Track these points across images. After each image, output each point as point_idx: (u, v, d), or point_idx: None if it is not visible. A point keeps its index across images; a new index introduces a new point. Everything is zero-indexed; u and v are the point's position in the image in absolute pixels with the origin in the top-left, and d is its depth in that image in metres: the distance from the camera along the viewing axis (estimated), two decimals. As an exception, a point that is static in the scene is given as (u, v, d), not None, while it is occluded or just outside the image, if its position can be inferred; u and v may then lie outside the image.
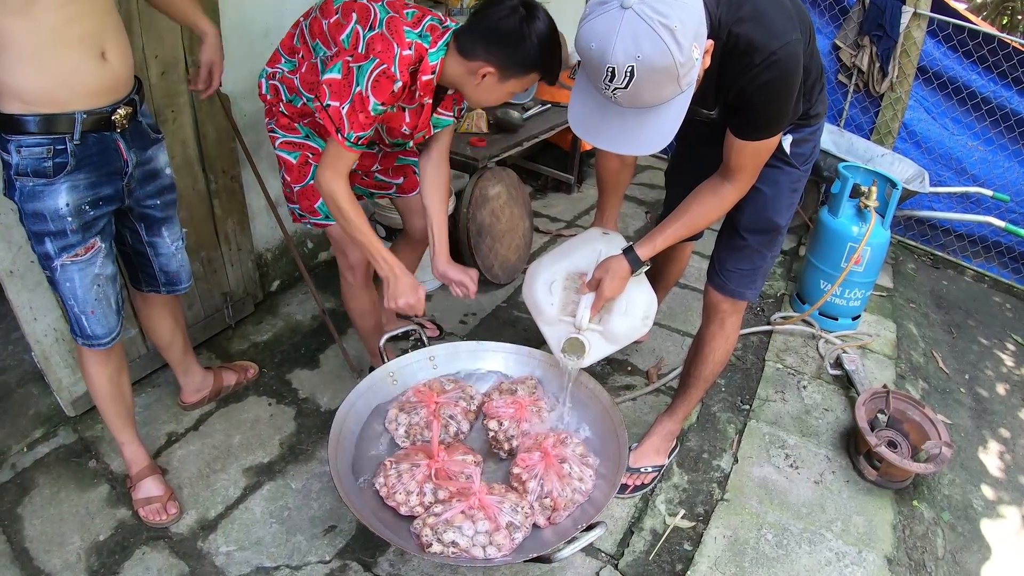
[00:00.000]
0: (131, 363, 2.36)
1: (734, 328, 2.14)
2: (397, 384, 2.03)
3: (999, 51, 3.91)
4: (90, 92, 1.54)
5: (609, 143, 1.48)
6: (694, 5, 1.31)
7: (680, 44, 1.27)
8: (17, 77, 1.44)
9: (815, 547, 2.11)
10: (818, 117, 1.86)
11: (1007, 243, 4.30)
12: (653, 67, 1.29)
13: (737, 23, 1.46)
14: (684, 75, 1.34)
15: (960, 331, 3.76)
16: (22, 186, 1.55)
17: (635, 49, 1.27)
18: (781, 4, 1.52)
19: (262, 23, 2.55)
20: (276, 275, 3.06)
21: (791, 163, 1.87)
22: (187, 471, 2.14)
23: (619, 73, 1.30)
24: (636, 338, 2.06)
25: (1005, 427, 3.04)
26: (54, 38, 1.43)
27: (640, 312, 2.03)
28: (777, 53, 1.46)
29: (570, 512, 1.68)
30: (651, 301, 2.07)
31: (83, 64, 1.50)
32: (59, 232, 1.60)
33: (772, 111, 1.58)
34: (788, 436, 2.56)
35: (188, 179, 2.38)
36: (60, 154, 1.53)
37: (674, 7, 1.26)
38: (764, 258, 2.00)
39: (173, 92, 2.23)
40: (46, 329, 2.09)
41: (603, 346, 2.02)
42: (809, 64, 1.63)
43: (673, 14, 1.26)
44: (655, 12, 1.25)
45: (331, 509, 2.05)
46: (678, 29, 1.26)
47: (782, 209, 1.92)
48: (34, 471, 2.10)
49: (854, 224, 3.07)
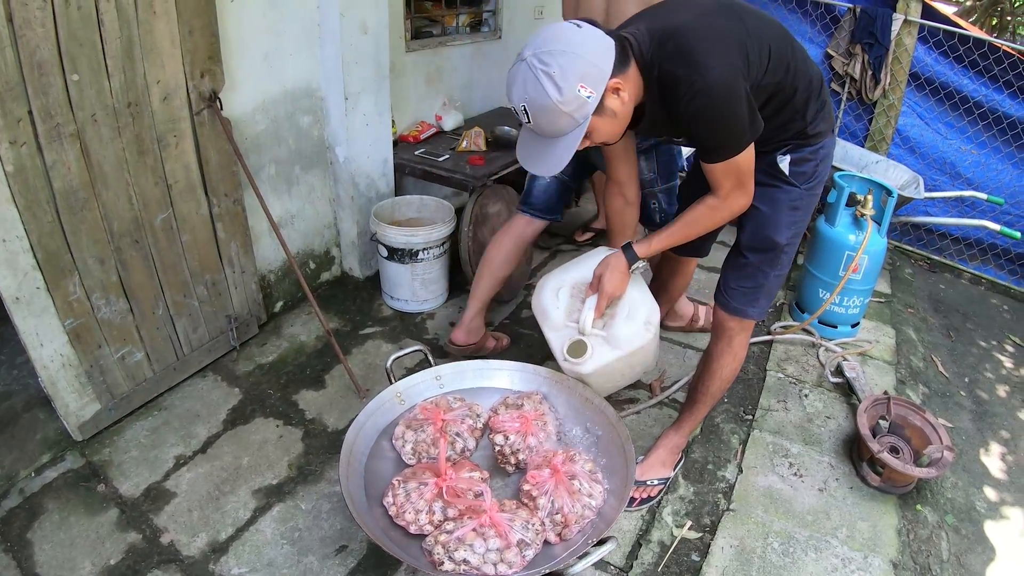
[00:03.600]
0: (136, 387, 2.39)
1: (742, 346, 2.16)
2: (404, 403, 2.05)
3: (990, 55, 3.96)
4: None
5: (531, 165, 1.71)
6: (578, 52, 1.51)
7: (559, 87, 1.50)
8: None
9: (821, 554, 2.12)
10: (819, 136, 1.88)
11: (1003, 245, 4.33)
12: (539, 106, 1.53)
13: (665, 60, 1.60)
14: (574, 111, 1.54)
15: (958, 334, 3.79)
16: None
17: (524, 92, 1.54)
18: (713, 35, 1.61)
19: (262, 47, 2.59)
20: (279, 296, 3.08)
21: (790, 182, 1.90)
22: (196, 494, 2.15)
23: (519, 112, 1.58)
24: (639, 344, 2.07)
25: (1006, 429, 3.05)
26: None
27: (642, 317, 2.06)
28: (698, 83, 1.56)
29: (580, 528, 1.70)
30: (653, 308, 2.09)
31: None
32: None
33: (718, 135, 1.66)
34: (791, 445, 2.57)
35: (191, 203, 2.41)
36: None
37: (556, 56, 1.49)
38: (767, 276, 2.03)
39: (175, 117, 2.26)
40: (52, 355, 2.10)
41: (606, 351, 2.04)
42: (787, 81, 1.72)
43: (554, 62, 1.49)
44: (539, 62, 1.50)
45: (341, 529, 2.06)
46: (556, 74, 1.49)
47: (781, 227, 1.95)
48: (42, 496, 2.11)
49: (851, 233, 3.09)
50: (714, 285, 2.20)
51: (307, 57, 2.80)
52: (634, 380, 2.24)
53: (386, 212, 3.20)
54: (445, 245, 3.13)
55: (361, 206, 3.19)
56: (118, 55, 2.00)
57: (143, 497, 2.12)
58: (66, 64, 1.86)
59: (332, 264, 3.37)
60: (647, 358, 2.14)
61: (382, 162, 3.25)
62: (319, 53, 2.84)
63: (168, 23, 2.11)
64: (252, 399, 2.57)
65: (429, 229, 3.00)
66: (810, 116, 1.82)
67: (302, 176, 3.00)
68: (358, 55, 2.87)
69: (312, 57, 2.82)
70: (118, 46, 1.99)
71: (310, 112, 2.92)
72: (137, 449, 2.29)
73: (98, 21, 1.90)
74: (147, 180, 2.22)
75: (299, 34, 2.73)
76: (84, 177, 2.02)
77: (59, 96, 1.88)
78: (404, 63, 3.51)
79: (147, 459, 2.25)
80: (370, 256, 3.37)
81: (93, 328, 2.18)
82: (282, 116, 2.78)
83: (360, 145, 3.07)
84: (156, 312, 2.39)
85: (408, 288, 3.12)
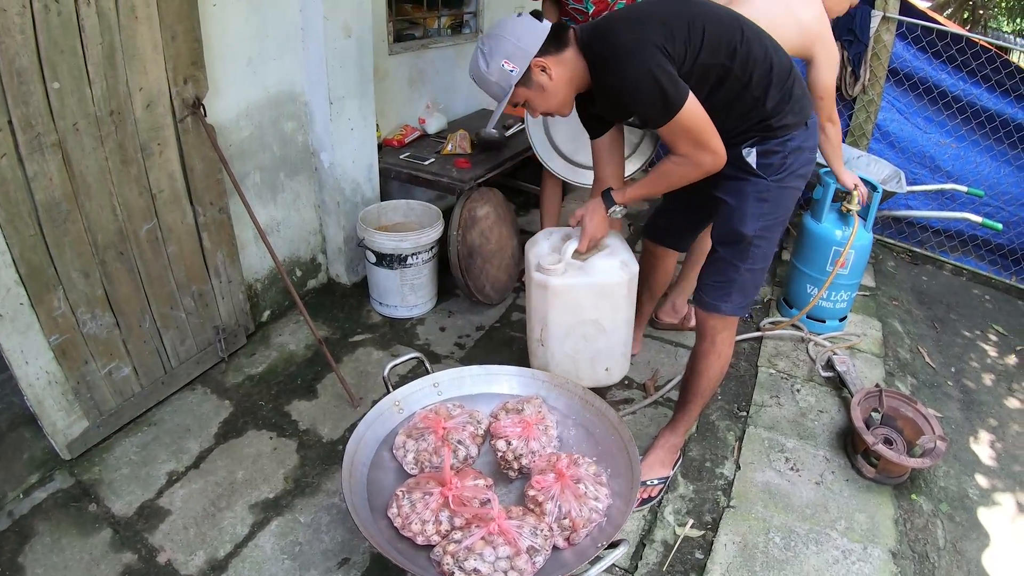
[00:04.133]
0: (124, 402, 2.33)
1: (725, 344, 2.17)
2: (403, 412, 2.02)
3: (967, 50, 4.02)
4: None
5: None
6: (507, 36, 1.84)
7: (488, 61, 1.86)
8: None
9: (822, 546, 2.13)
10: (786, 128, 1.91)
11: (983, 236, 4.39)
12: (476, 75, 1.93)
13: (593, 42, 1.86)
14: (499, 80, 1.87)
15: (943, 325, 3.84)
16: None
17: (470, 66, 1.95)
18: (632, 15, 1.85)
19: (245, 52, 2.54)
20: (266, 305, 3.04)
21: (757, 174, 1.94)
22: (192, 510, 2.10)
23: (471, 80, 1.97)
24: (612, 280, 2.17)
25: (993, 416, 3.10)
26: None
27: (619, 258, 2.20)
28: (609, 57, 1.79)
29: (588, 531, 1.68)
30: (631, 260, 2.23)
31: None
32: None
33: (642, 102, 1.78)
34: (786, 440, 2.58)
35: (176, 213, 2.36)
36: None
37: (491, 39, 1.86)
38: (737, 270, 2.04)
39: (158, 125, 2.21)
40: (38, 372, 2.04)
41: (579, 275, 2.16)
42: (734, 67, 1.81)
43: (488, 43, 1.86)
44: (480, 43, 1.89)
45: (343, 542, 2.02)
46: (487, 52, 1.86)
47: (747, 219, 1.97)
48: (32, 518, 2.04)
49: (837, 228, 3.12)
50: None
51: (290, 62, 2.76)
52: (594, 346, 2.28)
53: (372, 217, 3.16)
54: (434, 249, 3.10)
55: (347, 212, 3.15)
56: (100, 62, 1.94)
57: (137, 516, 2.07)
58: (47, 72, 1.81)
59: (319, 271, 3.33)
60: (616, 305, 2.21)
61: (367, 167, 3.21)
62: (302, 57, 2.80)
63: (150, 28, 2.06)
64: (243, 411, 2.52)
65: (418, 234, 2.97)
66: (771, 106, 1.86)
67: (287, 183, 2.95)
68: (342, 59, 2.84)
69: (295, 62, 2.78)
70: (99, 53, 1.93)
71: (294, 117, 2.88)
72: (128, 466, 2.23)
73: (79, 27, 1.85)
74: (131, 190, 2.17)
75: (282, 38, 2.69)
76: (67, 188, 1.96)
77: (40, 105, 1.82)
78: (387, 66, 3.48)
79: (139, 476, 2.20)
80: (357, 262, 3.33)
81: (79, 343, 2.13)
82: (266, 122, 2.73)
83: (345, 150, 3.03)
84: (143, 325, 2.34)
85: (397, 294, 3.08)
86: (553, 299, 2.15)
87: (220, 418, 2.47)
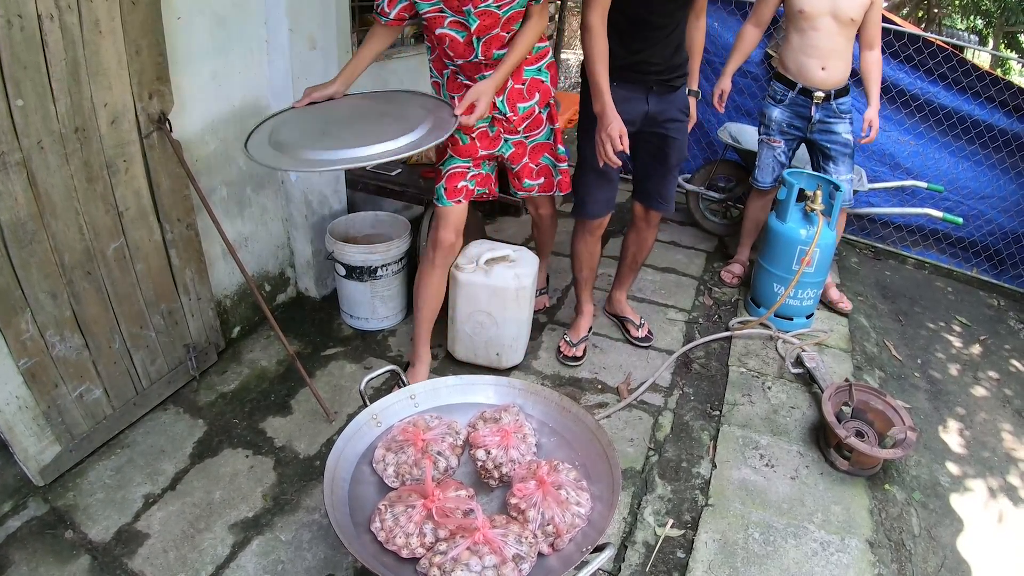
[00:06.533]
0: (96, 425, 2.29)
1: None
2: (381, 425, 2.01)
3: (924, 49, 4.15)
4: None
5: None
6: None
7: None
8: None
9: (800, 540, 2.17)
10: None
11: (943, 230, 4.51)
12: None
13: None
14: None
15: (908, 318, 3.93)
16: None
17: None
18: None
19: (210, 66, 2.52)
20: (236, 321, 3.00)
21: (686, 116, 2.76)
22: (170, 533, 2.06)
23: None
24: (502, 284, 2.72)
25: (960, 405, 3.18)
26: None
27: (515, 271, 2.76)
28: None
29: (572, 536, 1.69)
30: (526, 275, 2.77)
31: None
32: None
33: None
34: (760, 437, 2.63)
35: (143, 231, 2.32)
36: None
37: None
38: (676, 182, 2.96)
39: (124, 141, 2.17)
40: (8, 397, 1.99)
41: (480, 275, 2.72)
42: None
43: None
44: None
45: (325, 558, 2.01)
46: None
47: (685, 147, 2.80)
48: (7, 548, 1.98)
49: (802, 227, 3.18)
50: (670, 285, 3.09)
51: (256, 75, 2.73)
52: (487, 332, 2.80)
53: (340, 230, 3.14)
54: (403, 260, 3.09)
55: (314, 224, 3.13)
56: (63, 78, 1.91)
57: (114, 541, 2.02)
58: (9, 89, 1.77)
59: (287, 285, 3.30)
60: (505, 305, 2.73)
61: (334, 179, 3.19)
62: (267, 70, 2.77)
63: (114, 43, 2.03)
64: (217, 430, 2.48)
65: (388, 245, 2.96)
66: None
67: (254, 197, 2.92)
68: (307, 70, 2.82)
69: (260, 75, 2.76)
70: (63, 68, 1.90)
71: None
72: (103, 491, 2.18)
73: (42, 43, 1.81)
74: (97, 208, 2.14)
75: (247, 51, 2.66)
76: (32, 208, 1.92)
77: (3, 123, 1.78)
78: (352, 77, 3.45)
79: (114, 500, 2.15)
80: (326, 275, 3.31)
81: (48, 366, 2.08)
82: (232, 136, 2.70)
83: (313, 162, 3.00)
84: (112, 346, 2.30)
85: (368, 306, 3.07)
86: (459, 289, 2.74)
87: (194, 438, 2.44)
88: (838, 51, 3.18)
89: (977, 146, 4.28)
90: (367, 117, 2.30)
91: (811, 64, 3.22)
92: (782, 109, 3.39)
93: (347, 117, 2.29)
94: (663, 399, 2.83)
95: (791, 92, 3.33)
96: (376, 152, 2.02)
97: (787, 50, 3.32)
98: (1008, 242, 4.39)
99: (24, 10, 1.76)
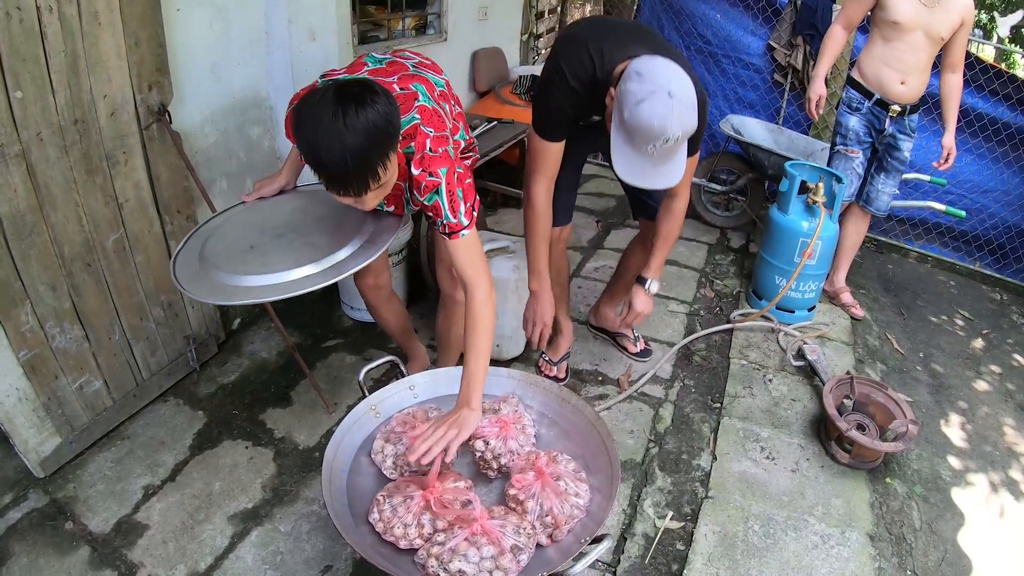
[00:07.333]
0: (97, 417, 2.29)
1: None
2: (380, 416, 2.00)
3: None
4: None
5: (650, 183, 1.91)
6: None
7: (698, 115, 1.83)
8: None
9: (800, 533, 2.17)
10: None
11: (946, 223, 4.50)
12: (688, 132, 1.80)
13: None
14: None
15: (910, 311, 3.92)
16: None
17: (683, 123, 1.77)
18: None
19: (210, 57, 2.51)
20: (236, 313, 3.00)
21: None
22: (170, 524, 2.07)
23: (672, 139, 1.75)
24: (505, 277, 2.72)
25: (962, 399, 3.17)
26: None
27: (514, 262, 2.79)
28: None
29: (571, 527, 1.69)
30: (524, 266, 2.54)
31: None
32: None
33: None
34: (761, 429, 2.62)
35: (143, 222, 2.32)
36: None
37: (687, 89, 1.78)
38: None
39: (123, 133, 2.17)
40: (8, 389, 2.00)
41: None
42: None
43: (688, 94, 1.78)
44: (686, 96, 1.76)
45: (324, 549, 2.01)
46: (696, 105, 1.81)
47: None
48: (8, 539, 1.99)
49: (804, 220, 3.17)
50: (671, 278, 2.98)
51: (255, 66, 2.73)
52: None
53: (342, 221, 3.13)
54: (403, 252, 3.09)
55: (317, 216, 3.12)
56: (63, 69, 1.90)
57: (114, 532, 2.03)
58: (9, 81, 1.77)
59: (289, 277, 3.29)
60: (504, 296, 2.66)
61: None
62: (267, 62, 2.77)
63: (114, 34, 2.02)
64: (217, 421, 2.49)
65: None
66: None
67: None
68: (307, 62, 2.81)
69: (260, 66, 2.75)
70: (63, 60, 1.90)
71: (260, 123, 2.85)
72: (103, 482, 2.19)
73: (41, 34, 1.81)
74: (97, 200, 2.13)
75: (246, 43, 2.66)
76: (31, 200, 1.92)
77: (2, 115, 1.78)
78: (352, 69, 3.45)
79: (114, 492, 2.16)
80: (328, 267, 3.30)
81: (48, 358, 2.08)
82: (232, 128, 2.70)
83: (313, 154, 3.00)
84: (112, 338, 2.30)
85: (369, 298, 3.05)
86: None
87: (194, 429, 2.44)
88: (920, 67, 3.12)
89: (980, 139, 4.26)
90: (302, 226, 2.02)
91: (892, 76, 3.14)
92: (859, 118, 3.30)
93: (282, 224, 2.02)
94: (664, 391, 2.83)
95: (867, 102, 3.26)
96: (294, 279, 1.79)
97: (867, 58, 3.22)
98: (1011, 236, 4.38)
99: (23, 2, 1.75)
